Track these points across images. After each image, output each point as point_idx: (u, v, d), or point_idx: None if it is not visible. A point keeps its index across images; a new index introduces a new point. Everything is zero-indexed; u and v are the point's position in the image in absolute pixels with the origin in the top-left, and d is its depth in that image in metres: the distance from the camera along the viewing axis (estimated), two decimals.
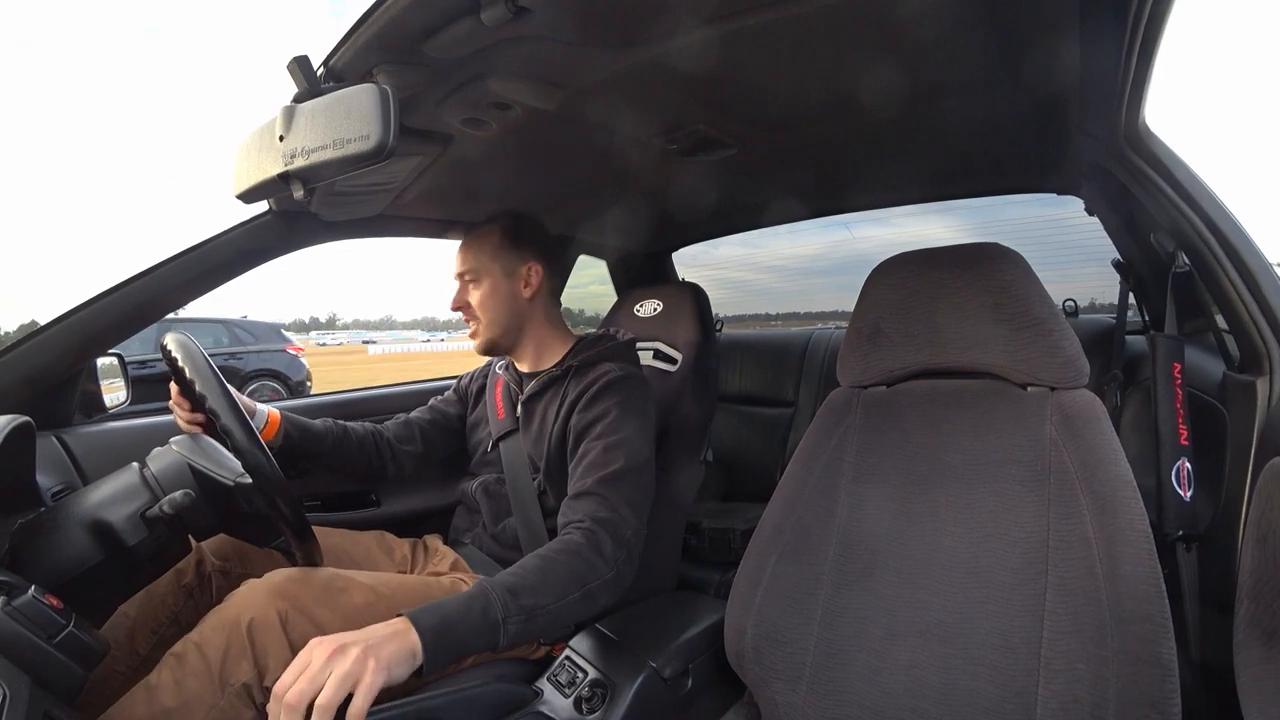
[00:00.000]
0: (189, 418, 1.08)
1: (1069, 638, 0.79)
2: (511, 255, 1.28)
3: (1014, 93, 0.99)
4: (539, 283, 1.30)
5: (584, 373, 1.24)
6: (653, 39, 0.80)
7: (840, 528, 0.98)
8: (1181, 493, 1.02)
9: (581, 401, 1.20)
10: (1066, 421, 0.90)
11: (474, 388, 1.46)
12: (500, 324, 1.29)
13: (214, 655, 0.85)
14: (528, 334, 1.32)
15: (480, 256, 1.28)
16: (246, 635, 0.87)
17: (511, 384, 1.35)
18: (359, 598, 0.98)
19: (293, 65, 0.75)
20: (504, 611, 0.89)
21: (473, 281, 1.29)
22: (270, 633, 0.88)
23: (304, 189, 0.78)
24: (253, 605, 0.89)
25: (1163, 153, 0.99)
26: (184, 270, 1.17)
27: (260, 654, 0.87)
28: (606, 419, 1.17)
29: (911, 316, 1.02)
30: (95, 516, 0.83)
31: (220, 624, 0.88)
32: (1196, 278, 1.03)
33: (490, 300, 1.28)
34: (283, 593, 0.91)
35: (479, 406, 1.42)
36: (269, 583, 0.93)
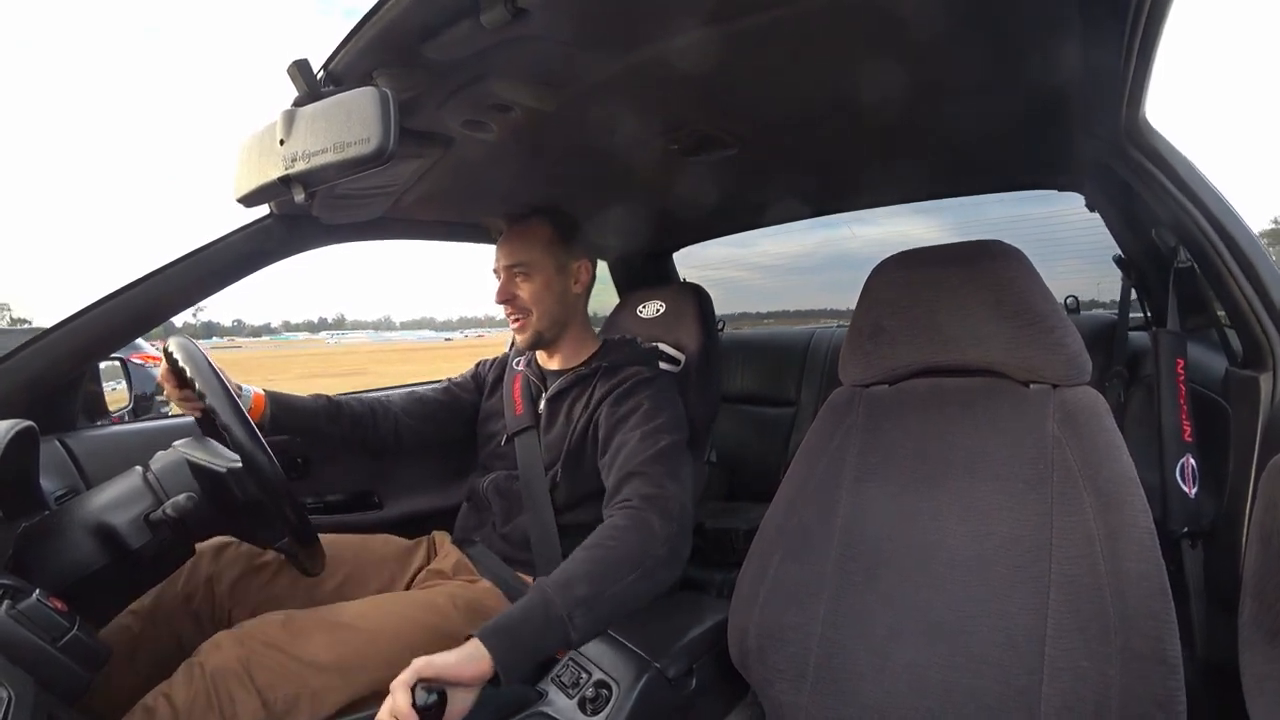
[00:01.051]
0: (179, 395, 1.07)
1: (1072, 635, 0.79)
2: (564, 251, 1.29)
3: (1014, 90, 0.99)
4: (588, 281, 1.32)
5: (613, 373, 1.25)
6: (652, 40, 0.80)
7: (843, 527, 0.98)
8: (1186, 489, 1.02)
9: (611, 397, 1.20)
10: (1069, 418, 0.90)
11: (491, 376, 1.46)
12: (550, 317, 1.30)
13: (183, 707, 0.85)
14: (570, 331, 1.34)
15: (534, 250, 1.28)
16: (211, 684, 0.86)
17: (532, 380, 1.35)
18: (322, 635, 0.96)
19: (293, 69, 0.75)
20: (565, 607, 0.89)
21: (523, 275, 1.29)
22: (233, 680, 0.87)
23: (305, 192, 0.78)
24: (215, 656, 0.89)
25: (1164, 148, 0.99)
26: (186, 274, 1.17)
27: (225, 703, 0.86)
28: (640, 410, 1.17)
29: (913, 315, 1.02)
30: (99, 520, 0.83)
31: (188, 674, 0.88)
32: (1198, 273, 1.02)
33: (544, 294, 1.28)
34: (242, 639, 0.91)
35: (495, 397, 1.41)
36: (236, 630, 0.93)
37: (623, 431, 1.17)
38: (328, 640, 0.96)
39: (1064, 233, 1.80)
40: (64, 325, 1.12)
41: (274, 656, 0.91)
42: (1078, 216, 1.63)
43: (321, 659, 0.94)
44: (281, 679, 0.90)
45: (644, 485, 1.06)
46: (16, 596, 0.67)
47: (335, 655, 0.95)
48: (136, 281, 1.15)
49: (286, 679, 0.90)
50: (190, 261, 1.17)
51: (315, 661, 0.93)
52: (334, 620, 1.00)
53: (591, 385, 1.25)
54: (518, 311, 1.30)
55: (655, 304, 1.58)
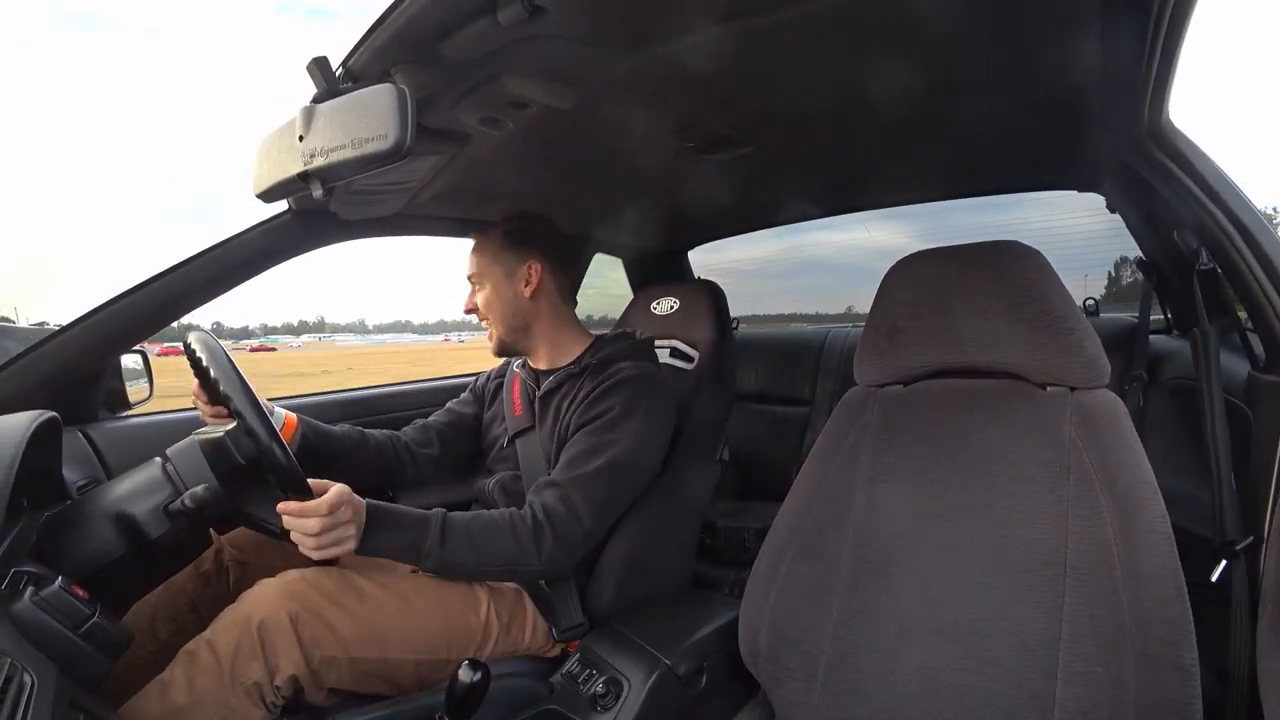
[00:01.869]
0: (211, 410, 1.10)
1: (1087, 640, 0.78)
2: (511, 256, 1.29)
3: (1032, 88, 0.98)
4: (539, 281, 1.29)
5: (600, 370, 1.24)
6: (667, 38, 0.80)
7: (856, 527, 0.97)
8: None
9: (591, 396, 1.20)
10: (1086, 422, 0.89)
11: (490, 386, 1.46)
12: (506, 324, 1.30)
13: (225, 654, 0.87)
14: (537, 333, 1.33)
15: (483, 260, 1.29)
16: (257, 635, 0.89)
17: (528, 381, 1.36)
18: (369, 598, 1.00)
19: (312, 66, 0.76)
20: (430, 550, 1.00)
21: (478, 286, 1.30)
22: (281, 633, 0.90)
23: (323, 188, 0.79)
24: (264, 605, 0.91)
25: (1187, 148, 0.97)
26: (205, 269, 1.19)
27: (270, 654, 0.89)
28: (606, 416, 1.17)
29: (929, 315, 1.01)
30: (119, 510, 0.85)
31: (233, 623, 0.90)
32: (1220, 275, 1.01)
33: (494, 302, 1.29)
34: (294, 593, 0.93)
35: (495, 404, 1.42)
36: (282, 583, 0.95)
37: (582, 432, 1.18)
38: (373, 607, 0.99)
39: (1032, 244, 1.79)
40: (86, 319, 1.14)
41: (322, 613, 0.94)
42: (1039, 225, 1.64)
43: (364, 623, 0.97)
44: (324, 637, 0.93)
45: (559, 502, 1.10)
46: (40, 584, 0.69)
47: (376, 623, 0.98)
48: (156, 276, 1.16)
49: (329, 637, 0.93)
50: (209, 257, 1.19)
51: (358, 624, 0.96)
52: (382, 587, 1.03)
53: (579, 382, 1.25)
54: (482, 319, 1.32)
55: (669, 300, 1.58)
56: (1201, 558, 0.93)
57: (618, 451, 1.14)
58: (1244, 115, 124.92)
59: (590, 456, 1.13)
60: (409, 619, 1.01)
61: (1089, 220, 1.70)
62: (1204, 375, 1.03)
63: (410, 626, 1.01)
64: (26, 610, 0.66)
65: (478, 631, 1.07)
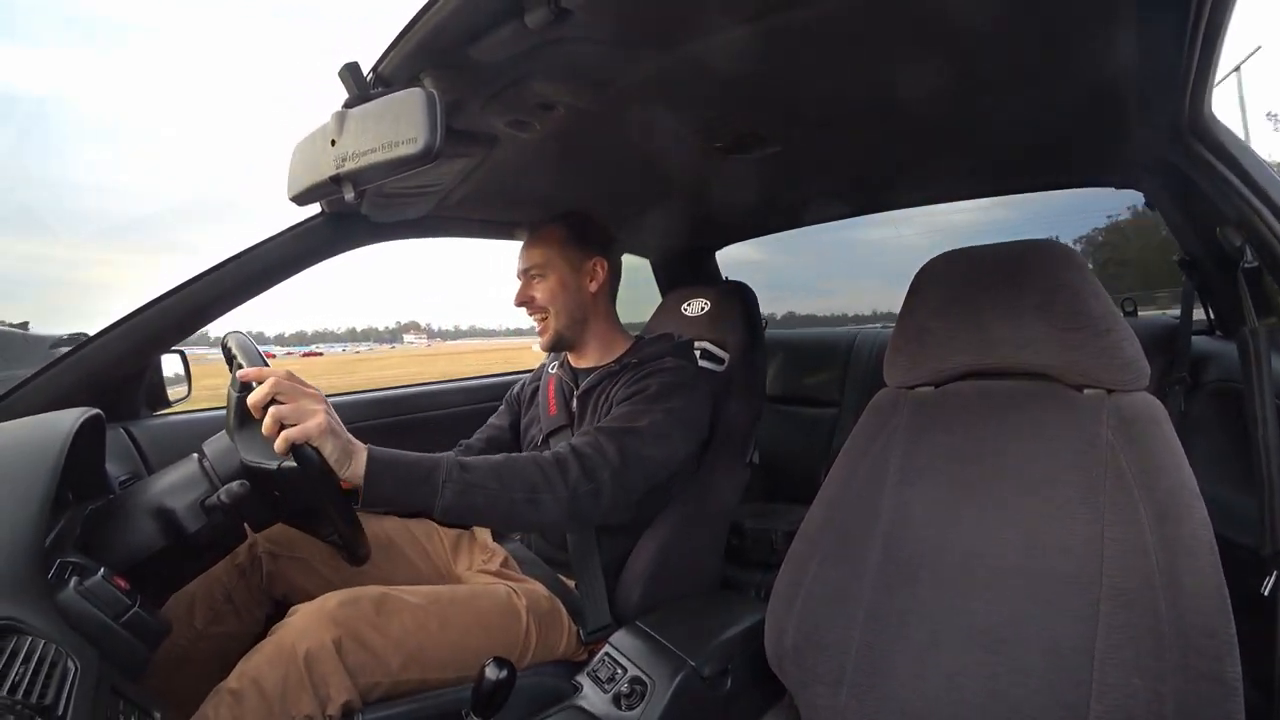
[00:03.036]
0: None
1: (1123, 650, 0.76)
2: (577, 251, 1.32)
3: (1068, 83, 0.96)
4: (604, 278, 1.33)
5: (641, 367, 1.26)
6: (693, 38, 0.80)
7: (884, 530, 0.96)
8: None
9: (631, 383, 1.22)
10: (1124, 426, 0.86)
11: (526, 394, 1.48)
12: (566, 316, 1.32)
13: (273, 690, 0.85)
14: (591, 329, 1.35)
15: (547, 252, 1.31)
16: (304, 666, 0.87)
17: (565, 380, 1.37)
18: (410, 619, 0.98)
19: (343, 72, 0.77)
20: (446, 476, 0.94)
21: (539, 276, 1.32)
22: (328, 662, 0.89)
23: (354, 191, 0.80)
24: (307, 635, 0.89)
25: (1230, 141, 0.95)
26: (241, 271, 1.22)
27: (320, 684, 0.88)
28: (645, 392, 1.18)
29: (960, 316, 0.99)
30: (159, 504, 0.88)
31: (277, 656, 0.88)
32: (1266, 273, 0.97)
33: (558, 293, 1.31)
34: (335, 619, 0.92)
35: (532, 408, 1.43)
36: (319, 609, 0.93)
37: (617, 407, 1.19)
38: (415, 628, 0.98)
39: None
40: (127, 320, 1.18)
41: (365, 639, 0.93)
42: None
43: (406, 647, 0.96)
44: (369, 663, 0.92)
45: (586, 444, 1.08)
46: (84, 574, 0.71)
47: (418, 645, 0.97)
48: (193, 280, 1.20)
49: (373, 663, 0.93)
50: (244, 259, 1.22)
51: (401, 643, 0.96)
52: (422, 608, 1.01)
53: (619, 378, 1.26)
54: (536, 312, 1.33)
55: (700, 302, 1.57)
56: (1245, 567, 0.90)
57: (651, 420, 1.14)
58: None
59: (623, 420, 1.14)
60: (450, 637, 1.00)
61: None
62: (1254, 376, 0.99)
63: (452, 646, 1.00)
64: (71, 599, 0.68)
65: (517, 643, 1.08)
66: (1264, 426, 0.96)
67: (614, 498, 1.07)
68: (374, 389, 1.80)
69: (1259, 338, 0.99)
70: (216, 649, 1.07)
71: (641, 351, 1.31)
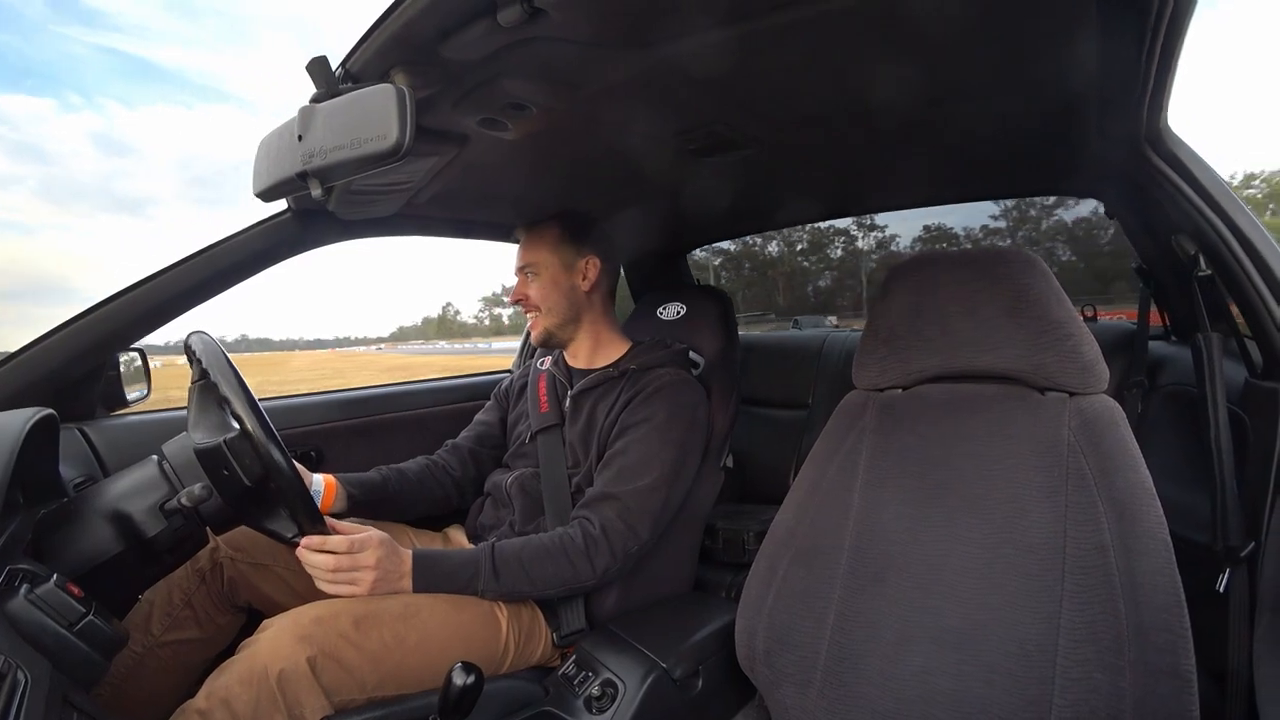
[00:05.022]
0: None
1: (1085, 646, 0.78)
2: (570, 249, 1.32)
3: (1032, 94, 0.98)
4: (596, 276, 1.33)
5: (640, 376, 1.26)
6: (668, 41, 0.80)
7: (853, 531, 0.97)
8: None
9: (636, 400, 1.21)
10: (1085, 427, 0.89)
11: (515, 389, 1.47)
12: (558, 313, 1.32)
13: (244, 711, 0.82)
14: (584, 327, 1.35)
15: (540, 250, 1.32)
16: (277, 687, 0.83)
17: (559, 378, 1.37)
18: (389, 634, 0.95)
19: (311, 66, 0.76)
20: (485, 587, 1.04)
21: (533, 274, 1.32)
22: (302, 681, 0.85)
23: (322, 187, 0.78)
24: (280, 654, 0.85)
25: (1184, 154, 0.98)
26: (204, 267, 1.19)
27: (293, 705, 0.84)
28: (653, 422, 1.18)
29: (928, 320, 1.01)
30: (115, 508, 0.85)
31: (248, 675, 0.83)
32: (1218, 281, 1.01)
33: (549, 291, 1.31)
34: (309, 636, 0.88)
35: (520, 403, 1.43)
36: (294, 624, 0.89)
37: (628, 438, 1.18)
38: (393, 644, 0.95)
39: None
40: (84, 316, 1.14)
41: (341, 656, 0.90)
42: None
43: (383, 664, 0.94)
44: (344, 680, 0.89)
45: (619, 518, 1.11)
46: (35, 581, 0.68)
47: (396, 663, 0.95)
48: (155, 275, 1.16)
49: (348, 680, 0.90)
50: (208, 255, 1.19)
51: (378, 659, 0.93)
52: (402, 620, 0.98)
53: (619, 387, 1.26)
54: (530, 310, 1.33)
55: (676, 306, 1.57)
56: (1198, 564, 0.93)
57: (670, 463, 1.16)
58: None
59: (644, 469, 1.15)
60: (429, 652, 0.98)
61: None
62: (1207, 381, 1.03)
63: (430, 660, 0.97)
64: (21, 608, 0.66)
65: (496, 654, 1.06)
66: (1216, 428, 0.99)
67: (641, 553, 1.15)
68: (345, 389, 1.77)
69: (1212, 344, 1.03)
70: (174, 657, 1.04)
71: (639, 358, 1.31)
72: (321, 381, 13.80)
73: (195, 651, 1.08)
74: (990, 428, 0.95)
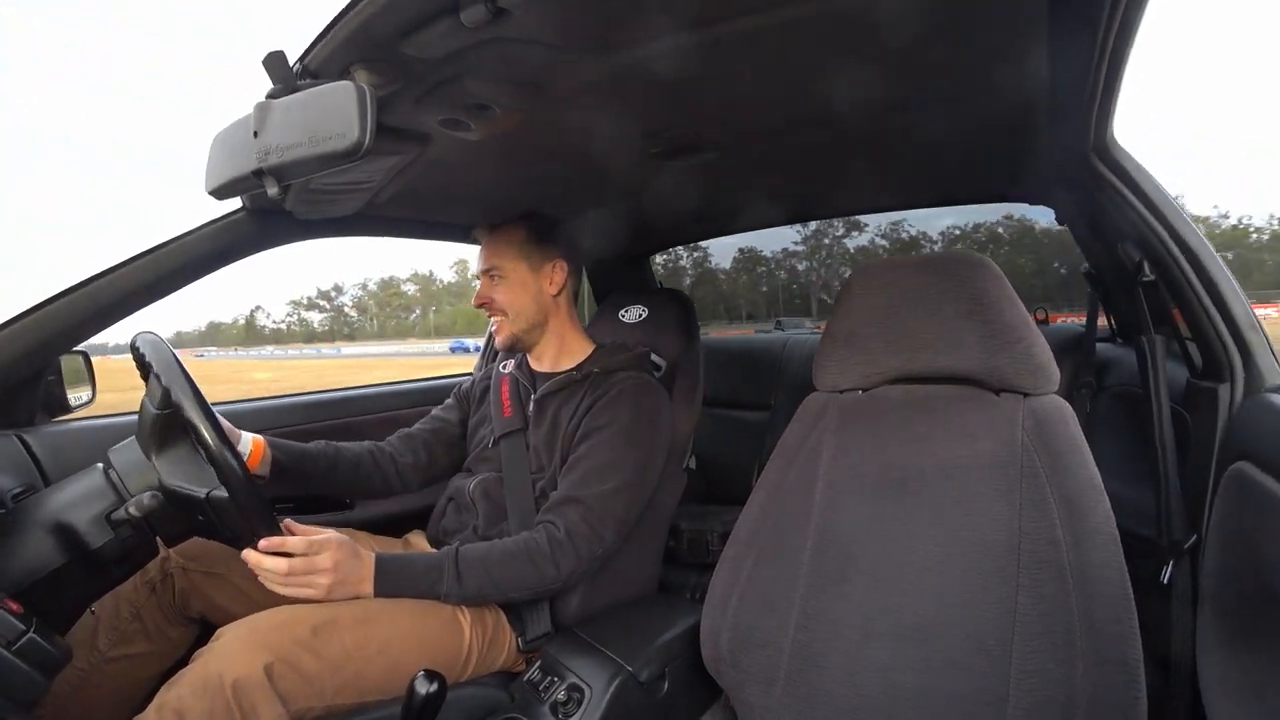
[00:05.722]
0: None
1: (1040, 639, 0.81)
2: (537, 252, 1.30)
3: (987, 102, 1.01)
4: (564, 280, 1.32)
5: (604, 379, 1.25)
6: (633, 44, 0.80)
7: (815, 531, 0.99)
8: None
9: (599, 404, 1.20)
10: (1038, 427, 0.92)
11: (476, 390, 1.44)
12: (525, 318, 1.30)
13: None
14: (550, 331, 1.33)
15: (507, 252, 1.29)
16: (232, 698, 0.80)
17: (522, 382, 1.35)
18: (349, 640, 0.92)
19: (268, 60, 0.74)
20: (448, 591, 1.03)
21: (499, 277, 1.30)
22: (258, 690, 0.82)
23: (278, 186, 0.76)
24: (235, 662, 0.82)
25: (1129, 164, 1.02)
26: (153, 267, 1.14)
27: (249, 714, 0.81)
28: (616, 426, 1.17)
29: (887, 323, 1.03)
30: (57, 519, 0.81)
31: (202, 685, 0.80)
32: (1161, 287, 1.05)
33: (517, 295, 1.29)
34: (266, 644, 0.85)
35: (482, 407, 1.40)
36: (250, 631, 0.86)
37: (591, 441, 1.17)
38: (354, 650, 0.92)
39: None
40: (24, 317, 1.09)
41: (298, 664, 0.86)
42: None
43: (343, 672, 0.91)
44: (301, 689, 0.86)
45: (582, 522, 1.10)
46: None
47: (356, 670, 0.92)
48: (101, 274, 1.11)
49: (306, 688, 0.87)
50: (159, 254, 1.14)
51: (338, 666, 0.90)
52: (362, 623, 0.96)
53: (582, 391, 1.25)
54: (495, 313, 1.31)
55: (638, 309, 1.57)
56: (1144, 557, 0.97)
57: (634, 466, 1.16)
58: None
59: (608, 472, 1.14)
60: (390, 660, 0.95)
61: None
62: (1151, 381, 1.07)
63: (391, 667, 0.94)
64: None
65: (459, 660, 1.04)
66: (1160, 427, 1.03)
67: (606, 556, 1.15)
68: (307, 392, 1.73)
69: (1155, 346, 1.07)
70: (122, 673, 1.00)
71: (602, 361, 1.30)
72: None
73: (145, 667, 1.03)
74: (948, 428, 0.97)
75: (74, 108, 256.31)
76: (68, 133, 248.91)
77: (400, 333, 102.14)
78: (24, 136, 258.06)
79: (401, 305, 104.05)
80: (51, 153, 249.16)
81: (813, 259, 15.27)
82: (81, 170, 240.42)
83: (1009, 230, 7.89)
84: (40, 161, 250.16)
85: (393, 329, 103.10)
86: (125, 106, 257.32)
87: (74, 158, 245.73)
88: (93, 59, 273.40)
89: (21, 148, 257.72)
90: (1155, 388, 1.06)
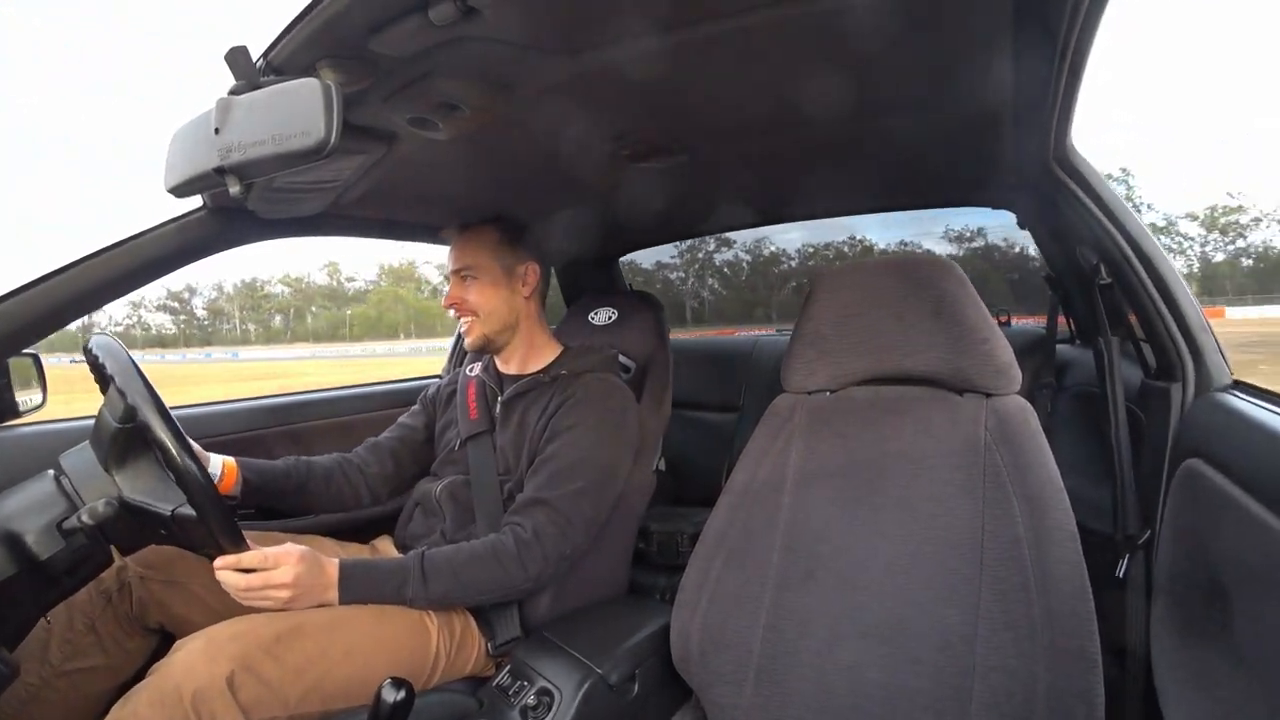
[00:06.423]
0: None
1: (1002, 634, 0.82)
2: (510, 254, 1.30)
3: (951, 109, 1.03)
4: (535, 283, 1.31)
5: (571, 381, 1.24)
6: (603, 46, 0.80)
7: (784, 531, 0.99)
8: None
9: (566, 405, 1.20)
10: (1000, 427, 0.94)
11: (443, 395, 1.43)
12: (497, 319, 1.29)
13: None
14: (520, 334, 1.33)
15: (480, 254, 1.29)
16: (191, 709, 0.78)
17: (489, 384, 1.34)
18: (312, 646, 0.91)
19: (230, 56, 0.72)
20: (414, 595, 1.02)
21: (471, 278, 1.29)
22: (219, 701, 0.79)
23: (240, 185, 0.75)
24: (195, 673, 0.80)
25: (1087, 171, 1.05)
26: (109, 266, 1.10)
27: None
28: (583, 427, 1.17)
29: (855, 325, 1.05)
30: (5, 528, 0.78)
31: (159, 698, 0.78)
32: (1117, 290, 1.08)
33: (489, 296, 1.28)
34: (227, 653, 0.83)
35: (449, 410, 1.39)
36: (211, 642, 0.84)
37: (558, 442, 1.17)
38: (317, 656, 0.90)
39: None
40: None
41: (260, 672, 0.84)
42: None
43: (306, 678, 0.88)
44: (265, 697, 0.84)
45: (550, 523, 1.10)
46: None
47: (319, 676, 0.90)
48: (54, 273, 1.07)
49: (269, 697, 0.84)
50: (116, 252, 1.10)
51: (301, 673, 0.88)
52: (325, 626, 0.94)
53: (550, 392, 1.24)
54: (466, 314, 1.29)
55: (607, 311, 1.57)
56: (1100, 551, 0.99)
57: (600, 467, 1.16)
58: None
59: (575, 473, 1.14)
60: (355, 666, 0.93)
61: None
62: (1107, 382, 1.10)
63: (355, 674, 0.93)
64: None
65: (426, 665, 1.03)
66: (1116, 426, 1.07)
67: (574, 556, 1.14)
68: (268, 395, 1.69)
69: (1111, 347, 1.10)
70: (75, 687, 0.96)
71: (569, 363, 1.29)
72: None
73: (99, 680, 1.00)
74: (914, 429, 0.99)
75: (74, 108, 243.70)
76: (68, 133, 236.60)
77: (269, 338, 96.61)
78: (24, 136, 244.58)
79: (275, 308, 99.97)
80: (51, 153, 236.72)
81: (687, 270, 16.84)
82: (81, 170, 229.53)
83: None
84: (40, 161, 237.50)
85: (259, 335, 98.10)
86: (125, 106, 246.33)
87: (74, 158, 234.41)
88: (93, 59, 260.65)
89: (21, 148, 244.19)
90: (1111, 388, 1.09)
